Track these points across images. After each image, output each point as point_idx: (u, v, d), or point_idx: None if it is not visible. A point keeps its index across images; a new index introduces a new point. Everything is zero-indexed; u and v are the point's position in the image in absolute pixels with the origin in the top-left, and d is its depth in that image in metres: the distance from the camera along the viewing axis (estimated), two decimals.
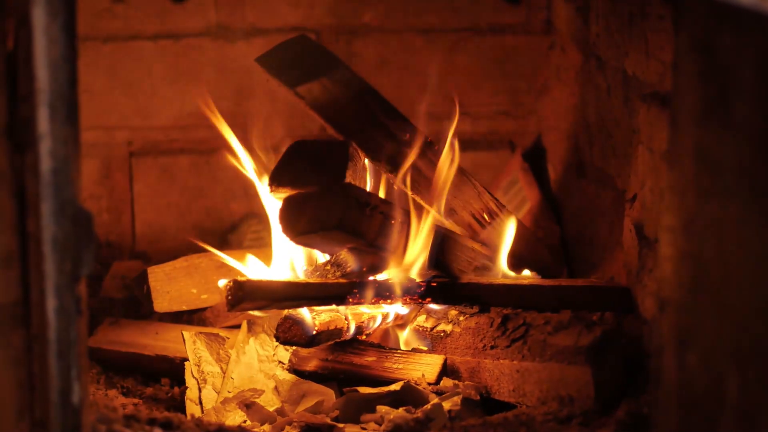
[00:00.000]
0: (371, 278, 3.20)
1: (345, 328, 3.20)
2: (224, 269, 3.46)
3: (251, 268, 3.35)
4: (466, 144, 3.44)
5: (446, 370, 3.17)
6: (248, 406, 3.07)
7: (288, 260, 3.35)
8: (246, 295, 3.05)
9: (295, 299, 3.13)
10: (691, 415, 2.27)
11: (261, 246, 3.66)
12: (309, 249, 3.33)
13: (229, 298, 3.07)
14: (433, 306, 3.25)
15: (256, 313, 3.29)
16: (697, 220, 2.24)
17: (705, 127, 2.22)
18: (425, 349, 3.23)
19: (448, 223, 3.39)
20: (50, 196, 2.23)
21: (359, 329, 3.24)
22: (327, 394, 3.14)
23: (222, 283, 3.25)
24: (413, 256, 3.22)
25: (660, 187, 2.76)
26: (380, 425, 2.97)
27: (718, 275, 2.18)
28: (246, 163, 3.36)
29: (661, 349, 2.35)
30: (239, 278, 3.10)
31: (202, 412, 3.15)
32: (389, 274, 3.23)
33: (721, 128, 2.16)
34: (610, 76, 3.33)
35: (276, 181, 3.24)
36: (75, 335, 2.28)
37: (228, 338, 3.31)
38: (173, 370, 3.38)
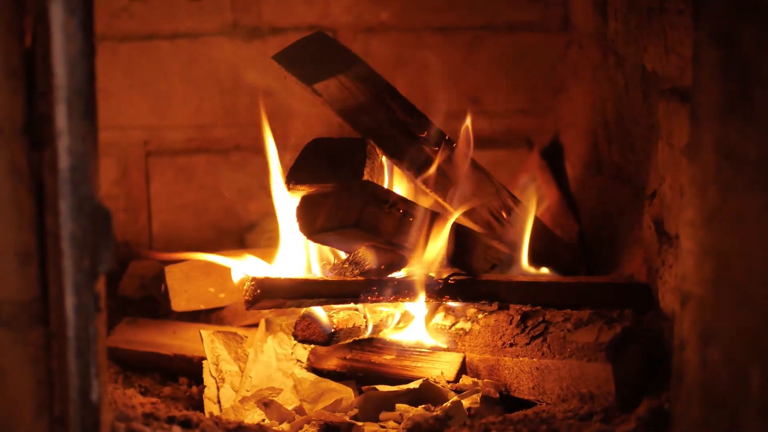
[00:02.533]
0: (390, 276, 3.19)
1: (363, 327, 3.19)
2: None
3: (250, 267, 3.33)
4: (484, 142, 3.42)
5: (465, 368, 3.16)
6: (267, 404, 3.06)
7: (305, 259, 3.34)
8: (265, 293, 3.05)
9: (314, 297, 3.12)
10: (714, 411, 2.26)
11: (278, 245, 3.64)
12: (325, 247, 3.32)
13: (248, 296, 3.06)
14: (452, 304, 3.23)
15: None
16: (719, 214, 2.22)
17: (726, 121, 2.21)
18: (444, 347, 3.22)
19: (467, 221, 3.38)
20: (68, 193, 2.23)
21: (377, 328, 3.23)
22: (346, 393, 3.13)
23: (237, 278, 3.25)
24: (432, 253, 3.20)
25: (680, 183, 2.75)
26: (399, 423, 2.96)
27: (741, 269, 2.17)
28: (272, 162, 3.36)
29: (683, 345, 2.34)
30: (258, 276, 3.09)
31: (221, 410, 3.14)
32: (408, 272, 3.21)
33: (743, 121, 2.15)
34: (628, 73, 3.32)
35: (293, 179, 3.23)
36: (94, 332, 2.28)
37: (246, 337, 3.31)
38: (191, 369, 3.38)
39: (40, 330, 2.32)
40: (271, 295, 3.07)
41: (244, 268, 3.29)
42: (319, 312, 3.13)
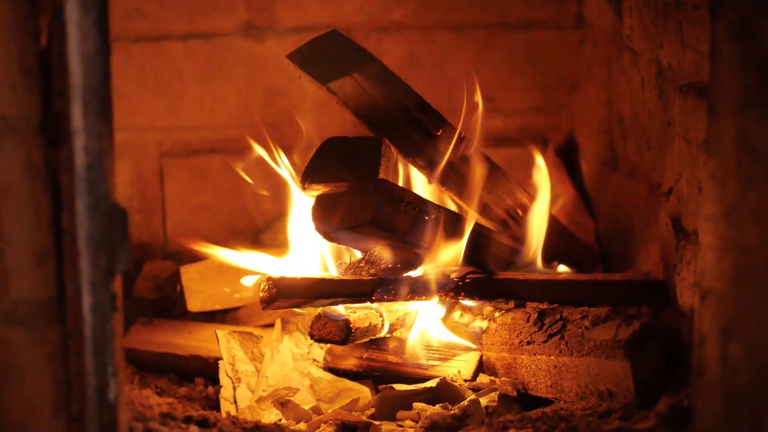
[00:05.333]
0: (405, 275, 3.18)
1: (380, 326, 3.18)
2: None
3: (264, 266, 3.33)
4: (498, 140, 3.42)
5: (482, 367, 3.15)
6: (283, 404, 3.06)
7: (320, 258, 3.33)
8: (281, 293, 3.04)
9: (330, 296, 3.11)
10: (735, 406, 2.25)
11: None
12: (341, 246, 3.31)
13: (264, 296, 3.05)
14: (468, 302, 3.22)
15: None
16: (739, 209, 2.21)
17: (746, 114, 2.20)
18: (464, 344, 3.21)
19: (483, 219, 3.37)
20: (85, 191, 2.23)
21: (393, 326, 3.22)
22: (362, 392, 3.12)
23: (248, 282, 3.24)
24: (448, 252, 3.20)
25: (697, 179, 2.74)
26: (417, 422, 2.96)
27: (762, 263, 2.16)
28: (280, 163, 3.35)
29: (703, 340, 2.33)
30: (273, 276, 3.08)
31: (237, 410, 3.14)
32: (424, 271, 3.20)
33: (763, 114, 2.14)
34: (644, 69, 3.31)
35: (308, 179, 3.22)
36: (111, 332, 2.28)
37: (262, 337, 3.30)
38: (207, 369, 3.38)
39: (56, 329, 2.31)
40: (287, 295, 3.07)
41: (262, 268, 3.29)
42: (336, 311, 3.13)
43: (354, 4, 3.95)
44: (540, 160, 3.50)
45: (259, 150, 3.41)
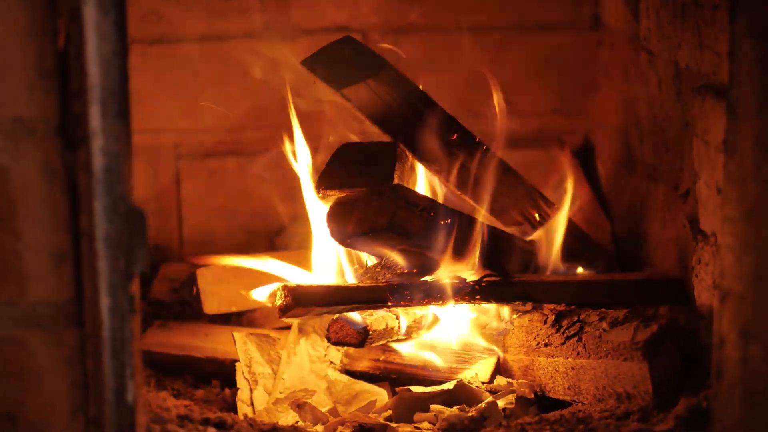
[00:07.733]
0: (421, 279, 3.17)
1: (396, 328, 3.18)
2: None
3: (283, 272, 3.33)
4: (515, 142, 3.41)
5: (499, 369, 3.14)
6: (300, 406, 3.05)
7: (336, 263, 3.33)
8: (297, 302, 3.04)
9: (346, 303, 3.11)
10: (755, 408, 2.24)
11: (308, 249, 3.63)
12: (357, 251, 3.31)
13: (280, 304, 3.05)
14: (485, 305, 3.22)
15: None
16: (759, 210, 2.21)
17: (766, 116, 2.19)
18: (478, 347, 3.20)
19: (498, 222, 3.36)
20: (103, 193, 2.23)
21: (411, 329, 3.22)
22: (379, 394, 3.12)
23: (261, 297, 3.23)
24: (464, 255, 3.19)
25: (716, 180, 2.73)
26: (434, 424, 2.95)
27: None
28: (301, 165, 3.35)
29: (723, 342, 2.32)
30: (289, 284, 3.08)
31: (254, 412, 3.14)
32: (440, 275, 3.20)
33: None
34: (661, 70, 3.30)
35: (323, 184, 3.22)
36: (129, 334, 2.28)
37: (279, 339, 3.30)
38: (224, 371, 3.37)
39: (74, 331, 2.31)
40: (303, 303, 3.07)
41: (277, 273, 3.29)
42: (353, 314, 3.12)
43: (370, 6, 3.95)
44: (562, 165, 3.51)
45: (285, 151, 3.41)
